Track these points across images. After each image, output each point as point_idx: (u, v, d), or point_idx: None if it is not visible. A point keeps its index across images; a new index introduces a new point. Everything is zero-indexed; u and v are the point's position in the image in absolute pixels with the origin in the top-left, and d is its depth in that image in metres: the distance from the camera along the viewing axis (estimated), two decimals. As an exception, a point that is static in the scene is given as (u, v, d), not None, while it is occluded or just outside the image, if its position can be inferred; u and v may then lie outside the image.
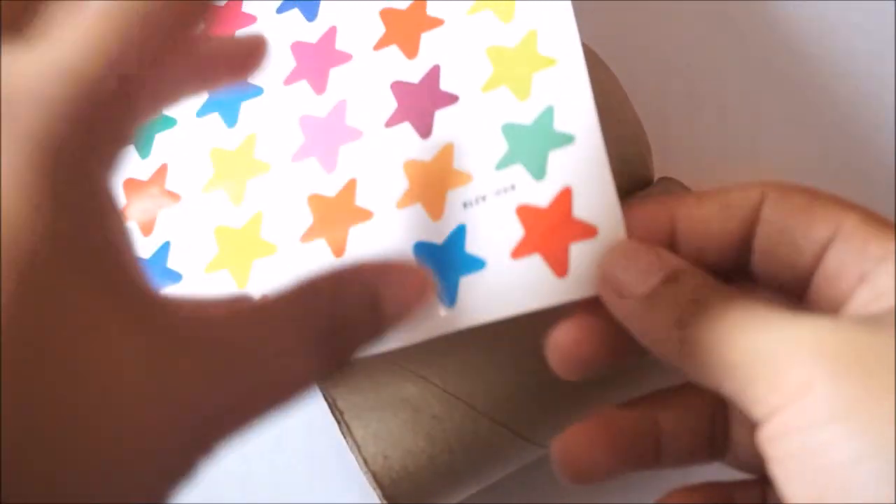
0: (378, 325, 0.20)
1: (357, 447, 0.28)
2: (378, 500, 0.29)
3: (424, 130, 0.26)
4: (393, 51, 0.28)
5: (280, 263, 0.26)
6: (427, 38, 0.27)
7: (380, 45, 0.28)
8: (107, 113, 0.17)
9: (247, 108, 0.29)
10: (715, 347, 0.20)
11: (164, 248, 0.28)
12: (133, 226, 0.29)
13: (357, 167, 0.27)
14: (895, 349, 0.19)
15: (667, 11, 0.41)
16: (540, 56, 0.25)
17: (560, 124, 0.24)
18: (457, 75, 0.27)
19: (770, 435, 0.19)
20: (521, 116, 0.25)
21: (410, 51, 0.27)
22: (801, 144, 0.39)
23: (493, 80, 0.26)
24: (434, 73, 0.27)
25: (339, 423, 0.30)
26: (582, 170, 0.24)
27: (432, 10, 0.28)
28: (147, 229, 0.28)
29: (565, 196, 0.24)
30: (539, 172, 0.24)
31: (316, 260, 0.26)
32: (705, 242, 0.23)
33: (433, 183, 0.26)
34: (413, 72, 0.27)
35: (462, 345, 0.29)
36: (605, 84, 0.31)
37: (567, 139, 0.24)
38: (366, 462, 0.28)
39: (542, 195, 0.24)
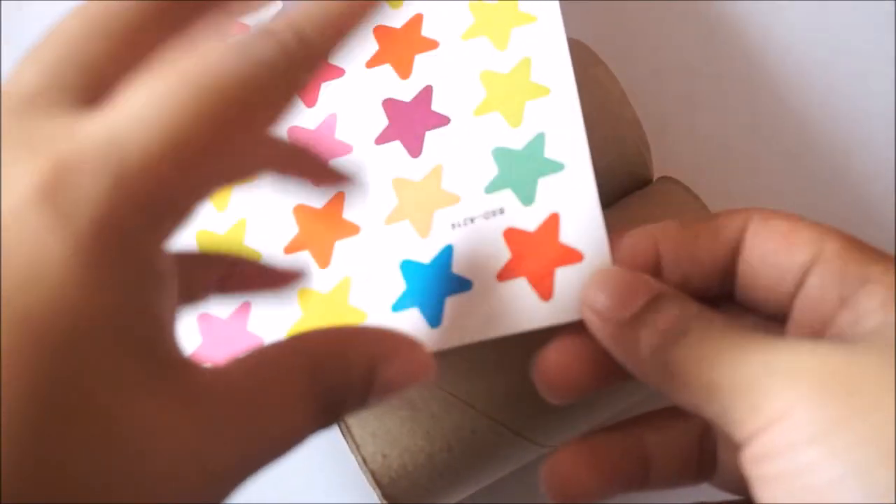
0: (367, 398, 0.21)
1: (355, 446, 0.28)
2: (377, 500, 0.29)
3: (415, 149, 0.27)
4: (386, 69, 0.28)
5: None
6: (421, 60, 0.28)
7: (372, 62, 0.28)
8: (166, 190, 0.17)
9: None
10: (696, 371, 0.21)
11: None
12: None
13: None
14: (875, 371, 0.19)
15: (665, 11, 0.41)
16: (532, 84, 0.26)
17: (550, 152, 0.25)
18: (449, 97, 0.27)
19: (752, 456, 0.20)
20: (513, 142, 0.25)
21: (404, 71, 0.28)
22: (800, 143, 0.39)
23: (485, 104, 0.26)
24: (426, 94, 0.27)
25: (338, 423, 0.30)
26: (570, 196, 0.25)
27: (427, 31, 0.28)
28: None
29: (553, 221, 0.24)
30: (528, 198, 0.25)
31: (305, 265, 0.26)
32: (690, 269, 0.24)
33: (421, 202, 0.26)
34: (405, 91, 0.27)
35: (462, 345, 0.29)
36: (604, 83, 0.31)
37: (557, 167, 0.25)
38: (364, 461, 0.28)
39: (529, 220, 0.24)
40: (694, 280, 0.24)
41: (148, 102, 0.16)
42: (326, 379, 0.20)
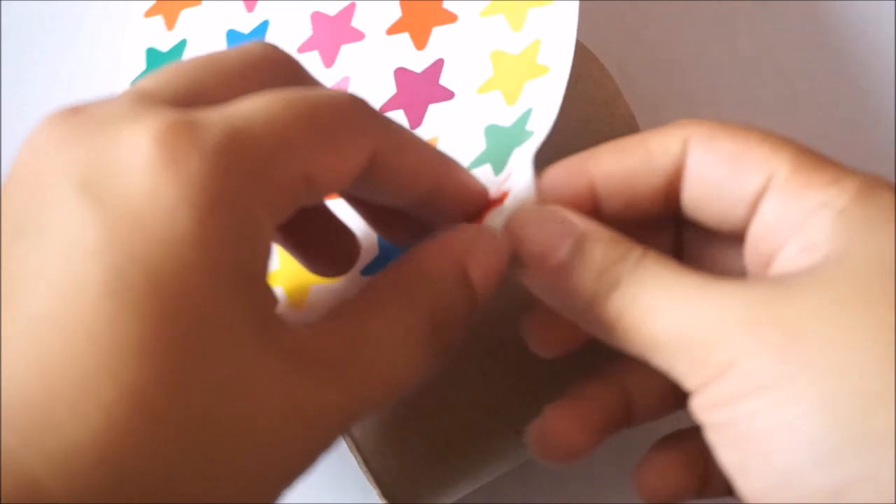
0: (473, 302, 0.21)
1: (356, 446, 0.28)
2: (377, 499, 0.29)
3: (415, 120, 0.27)
4: (403, 38, 0.28)
5: None
6: (438, 32, 0.28)
7: (392, 29, 0.28)
8: (272, 157, 0.18)
9: None
10: (634, 325, 0.20)
11: None
12: None
13: None
14: (815, 314, 0.18)
15: (660, 7, 0.41)
16: (536, 65, 0.25)
17: (531, 125, 0.24)
18: (457, 73, 0.27)
19: (700, 405, 0.20)
20: (504, 119, 0.25)
21: (420, 42, 0.28)
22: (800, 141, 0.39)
23: (489, 83, 0.26)
24: (437, 67, 0.27)
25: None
26: (526, 157, 0.24)
27: (448, 4, 0.28)
28: None
29: (505, 180, 0.24)
30: (500, 168, 0.24)
31: None
32: (630, 199, 0.22)
33: None
34: (418, 62, 0.27)
35: (461, 343, 0.29)
36: (598, 78, 0.31)
37: (529, 135, 0.24)
38: (365, 461, 0.28)
39: (497, 189, 0.24)
40: (636, 208, 0.22)
41: (255, 103, 0.18)
42: (426, 312, 0.20)
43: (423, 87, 0.27)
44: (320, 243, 0.24)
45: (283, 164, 0.18)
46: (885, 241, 0.19)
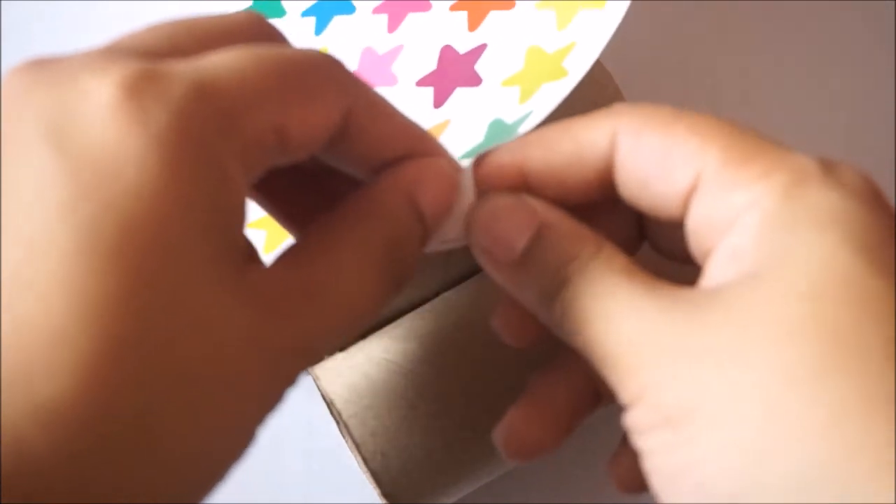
0: (424, 230, 0.21)
1: (356, 446, 0.28)
2: (377, 499, 0.29)
3: (440, 100, 0.27)
4: (461, 16, 0.28)
5: None
6: (493, 17, 0.27)
7: (456, 6, 0.28)
8: (239, 106, 0.18)
9: (336, 22, 0.30)
10: (579, 324, 0.20)
11: None
12: None
13: None
14: (720, 348, 0.18)
15: (660, 8, 0.41)
16: (560, 67, 0.25)
17: (524, 127, 0.24)
18: (493, 61, 0.26)
19: (626, 426, 0.20)
20: (510, 115, 0.25)
21: (474, 23, 0.27)
22: (799, 142, 0.39)
23: (515, 77, 0.26)
24: (478, 51, 0.27)
25: (337, 422, 0.30)
26: None
27: None
28: None
29: None
30: None
31: None
32: (563, 191, 0.22)
33: None
34: (465, 43, 0.27)
35: (459, 342, 0.29)
36: (598, 79, 0.31)
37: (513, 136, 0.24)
38: (365, 461, 0.28)
39: None
40: (571, 198, 0.22)
41: (225, 56, 0.18)
42: (381, 242, 0.20)
43: (458, 69, 0.27)
44: (298, 206, 0.24)
45: (252, 116, 0.18)
46: (804, 253, 0.18)
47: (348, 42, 0.29)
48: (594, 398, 0.24)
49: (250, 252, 0.21)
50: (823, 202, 0.19)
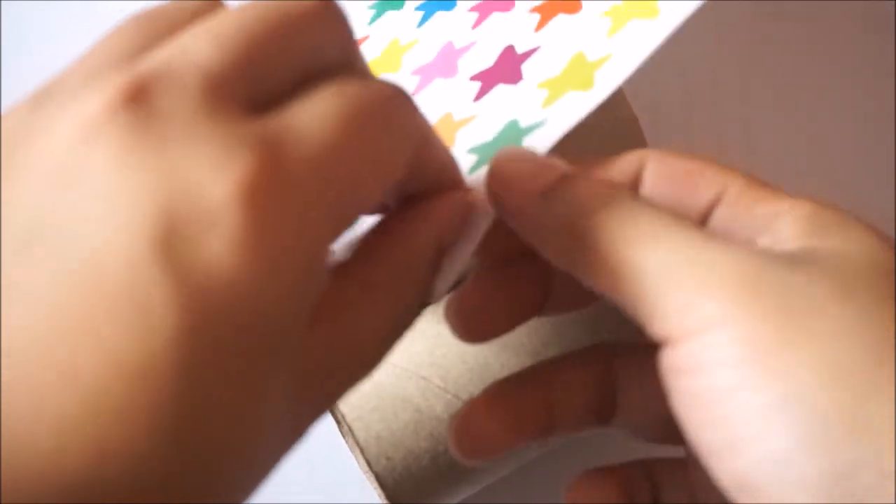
0: (437, 265, 0.20)
1: (360, 449, 0.28)
2: (377, 499, 0.29)
3: (480, 95, 0.26)
4: (534, 18, 0.27)
5: None
6: (558, 20, 0.26)
7: (534, 8, 0.27)
8: (336, 206, 0.17)
9: (437, 16, 0.30)
10: (610, 254, 0.19)
11: None
12: None
13: (424, 103, 0.27)
14: (814, 290, 0.17)
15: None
16: (588, 77, 0.24)
17: (530, 138, 0.24)
18: (540, 62, 0.26)
19: (671, 367, 0.18)
20: (526, 119, 0.25)
21: (542, 24, 0.27)
22: (798, 142, 0.39)
23: (550, 81, 0.25)
24: (531, 52, 0.26)
25: (340, 424, 0.30)
26: None
27: None
28: None
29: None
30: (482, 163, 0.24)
31: None
32: None
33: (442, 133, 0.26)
34: (526, 43, 0.27)
35: (463, 346, 0.29)
36: (619, 112, 0.31)
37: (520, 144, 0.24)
38: (369, 464, 0.28)
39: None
40: None
41: (317, 121, 0.17)
42: (415, 290, 0.20)
43: (508, 67, 0.26)
44: None
45: (351, 197, 0.17)
46: (855, 245, 0.18)
47: (437, 35, 0.29)
48: (548, 423, 0.24)
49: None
50: (849, 222, 0.19)
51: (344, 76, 0.18)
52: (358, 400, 0.29)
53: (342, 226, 0.17)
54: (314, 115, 0.17)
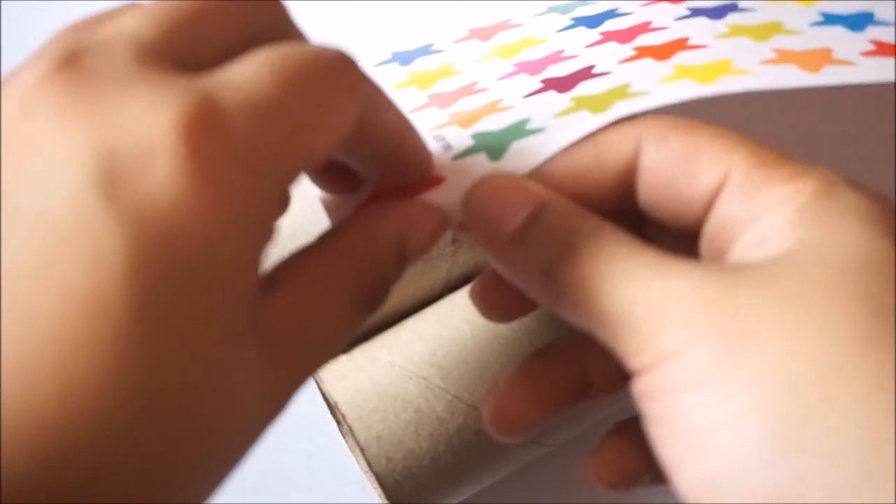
0: (402, 269, 0.21)
1: (360, 449, 0.28)
2: (377, 499, 0.29)
3: (532, 93, 0.26)
4: (627, 52, 0.27)
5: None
6: (642, 62, 0.26)
7: (637, 48, 0.27)
8: (280, 154, 0.17)
9: (575, 31, 0.30)
10: (584, 294, 0.19)
11: None
12: None
13: (493, 91, 0.28)
14: (765, 309, 0.18)
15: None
16: (607, 103, 0.24)
17: (523, 141, 0.24)
18: (595, 83, 0.26)
19: (640, 392, 0.19)
20: (536, 122, 0.24)
21: (628, 60, 0.27)
22: (798, 142, 0.39)
23: (583, 97, 0.25)
24: (599, 75, 0.26)
25: (340, 424, 0.30)
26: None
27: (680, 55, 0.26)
28: None
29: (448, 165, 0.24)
30: (496, 155, 0.24)
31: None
32: (579, 197, 0.22)
33: (473, 115, 0.26)
34: (603, 67, 0.26)
35: (464, 346, 0.29)
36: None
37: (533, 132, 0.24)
38: (369, 464, 0.28)
39: (441, 168, 0.24)
40: (585, 205, 0.21)
41: (253, 73, 0.17)
42: (367, 280, 0.20)
43: (570, 80, 0.26)
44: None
45: (294, 144, 0.17)
46: (843, 239, 0.18)
47: (560, 43, 0.30)
48: (583, 387, 0.23)
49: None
50: (853, 202, 0.19)
51: (279, 41, 0.19)
52: (358, 400, 0.29)
53: (285, 176, 0.18)
54: (248, 68, 0.17)
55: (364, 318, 0.20)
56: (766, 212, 0.19)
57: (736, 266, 0.19)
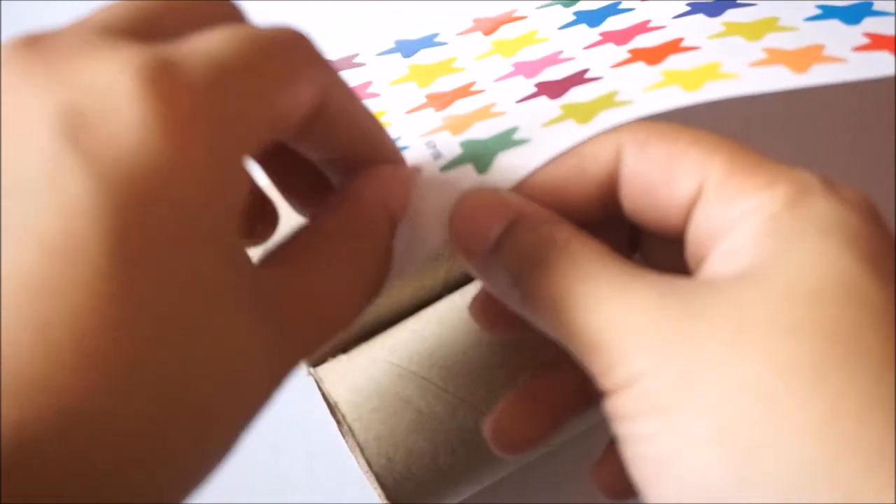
0: (393, 232, 0.22)
1: (360, 449, 0.28)
2: (377, 499, 0.29)
3: (524, 98, 0.26)
4: (621, 55, 0.27)
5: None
6: (634, 66, 0.26)
7: (631, 51, 0.27)
8: (245, 108, 0.18)
9: (576, 29, 0.30)
10: (554, 310, 0.20)
11: None
12: None
13: (490, 92, 0.28)
14: (716, 335, 0.18)
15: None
16: (592, 113, 0.24)
17: (507, 153, 0.24)
18: (586, 89, 0.26)
19: (611, 413, 0.19)
20: (524, 132, 0.24)
21: (621, 63, 0.27)
22: (798, 142, 0.39)
23: (570, 105, 0.25)
24: (592, 80, 0.26)
25: (340, 424, 0.30)
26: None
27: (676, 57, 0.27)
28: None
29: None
30: (483, 167, 0.24)
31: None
32: (562, 207, 0.22)
33: (465, 120, 0.26)
34: (597, 72, 0.27)
35: (464, 346, 0.29)
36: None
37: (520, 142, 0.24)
38: (369, 464, 0.28)
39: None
40: (568, 214, 0.22)
41: (216, 39, 0.18)
42: (365, 237, 0.21)
43: (563, 85, 0.26)
44: (289, 181, 0.24)
45: (253, 100, 0.18)
46: (806, 256, 0.18)
47: (560, 42, 0.30)
48: (583, 398, 0.24)
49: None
50: (826, 212, 0.19)
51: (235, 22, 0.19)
52: (358, 400, 0.29)
53: (250, 135, 0.18)
54: (208, 37, 0.18)
55: (372, 291, 0.21)
56: (739, 221, 0.19)
57: (700, 284, 0.19)
